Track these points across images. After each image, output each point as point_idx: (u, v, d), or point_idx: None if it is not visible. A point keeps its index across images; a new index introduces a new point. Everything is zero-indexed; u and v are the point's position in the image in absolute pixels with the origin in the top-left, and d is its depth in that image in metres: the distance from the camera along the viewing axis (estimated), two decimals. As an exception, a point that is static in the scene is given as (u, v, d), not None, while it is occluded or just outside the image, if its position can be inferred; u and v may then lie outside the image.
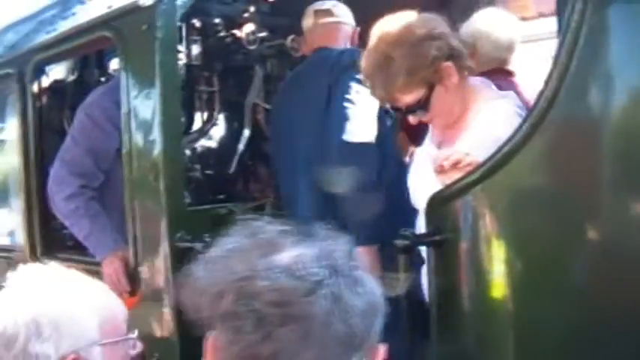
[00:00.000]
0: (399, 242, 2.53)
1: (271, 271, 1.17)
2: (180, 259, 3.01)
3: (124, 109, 3.24)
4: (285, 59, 4.55)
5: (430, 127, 3.01)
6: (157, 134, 3.07)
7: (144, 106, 3.14)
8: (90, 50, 3.87)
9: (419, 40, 2.68)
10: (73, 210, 3.49)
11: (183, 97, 4.35)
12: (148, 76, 3.11)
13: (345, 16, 4.04)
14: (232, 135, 4.65)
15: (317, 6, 4.10)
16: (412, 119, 2.84)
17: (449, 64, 2.74)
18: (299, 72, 4.07)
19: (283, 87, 4.19)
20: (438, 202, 2.56)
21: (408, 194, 3.00)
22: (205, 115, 4.46)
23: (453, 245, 2.52)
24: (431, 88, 2.73)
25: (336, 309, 1.15)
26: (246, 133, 4.58)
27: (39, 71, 3.92)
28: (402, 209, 3.04)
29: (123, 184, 3.34)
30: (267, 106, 4.68)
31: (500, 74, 3.60)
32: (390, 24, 2.76)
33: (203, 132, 4.47)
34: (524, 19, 4.65)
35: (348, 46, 3.96)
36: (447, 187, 2.55)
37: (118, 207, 3.42)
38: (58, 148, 3.94)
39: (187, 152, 4.36)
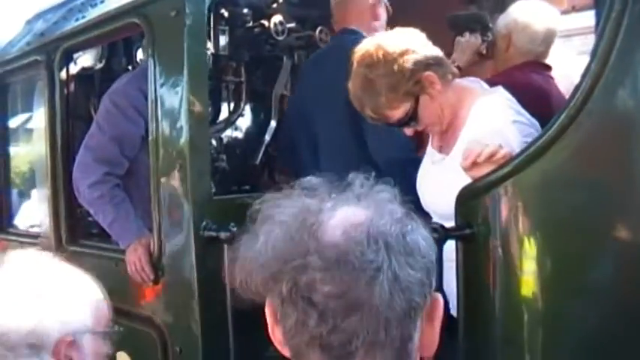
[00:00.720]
0: (427, 235, 2.47)
1: (325, 259, 1.14)
2: (206, 248, 2.98)
3: (150, 97, 3.21)
4: (313, 51, 4.48)
5: (429, 134, 3.06)
6: (183, 122, 3.04)
7: (171, 93, 3.11)
8: (118, 37, 3.84)
9: (393, 58, 2.75)
10: (97, 197, 3.47)
11: (210, 87, 4.39)
12: (175, 63, 3.07)
13: None
14: (259, 125, 4.64)
15: None
16: (408, 131, 2.92)
17: (429, 73, 2.79)
18: (320, 54, 4.05)
19: (302, 70, 4.14)
20: (468, 196, 2.50)
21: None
22: (232, 105, 4.45)
23: (483, 239, 2.46)
24: (416, 99, 2.81)
25: (396, 289, 1.14)
26: (273, 124, 4.56)
27: (67, 58, 3.90)
28: None
29: (148, 171, 3.31)
30: (293, 97, 4.68)
31: (535, 67, 3.52)
32: (364, 46, 2.86)
33: (229, 122, 4.45)
34: (558, 12, 4.56)
35: (375, 25, 3.91)
36: (477, 180, 2.49)
37: (142, 194, 3.40)
38: (84, 135, 3.95)
39: (213, 142, 4.37)
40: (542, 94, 3.23)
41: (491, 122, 2.71)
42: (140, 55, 4.35)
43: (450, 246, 2.52)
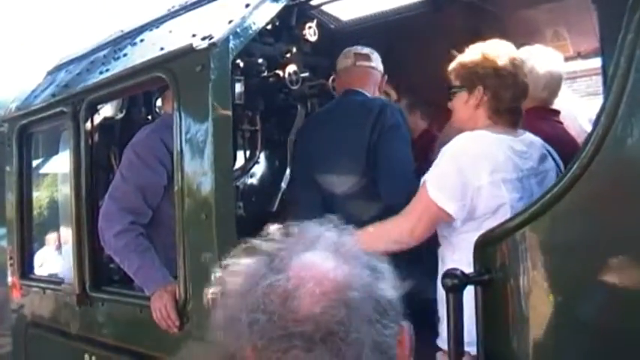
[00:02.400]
0: (448, 281, 2.54)
1: (307, 338, 1.15)
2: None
3: (176, 148, 3.30)
4: (326, 98, 4.59)
5: None
6: (208, 172, 3.12)
7: (196, 145, 3.20)
8: (141, 90, 3.96)
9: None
10: (123, 246, 3.54)
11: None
12: (200, 115, 3.17)
13: (378, 63, 4.21)
14: (274, 173, 4.72)
15: (357, 49, 4.23)
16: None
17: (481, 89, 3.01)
18: (330, 110, 4.14)
19: (311, 123, 4.22)
20: (486, 242, 2.58)
21: None
22: (248, 153, 4.51)
23: (502, 285, 2.53)
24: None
25: (377, 354, 1.19)
26: (288, 171, 4.62)
27: (92, 110, 4.01)
28: None
29: (170, 220, 3.37)
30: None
31: (540, 113, 3.55)
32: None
33: (246, 170, 4.52)
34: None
35: (376, 92, 4.15)
36: (496, 227, 2.58)
37: (165, 242, 3.48)
38: (105, 183, 4.04)
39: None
40: (548, 139, 3.28)
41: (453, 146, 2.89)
42: (159, 104, 4.46)
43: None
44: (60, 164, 4.32)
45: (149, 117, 4.59)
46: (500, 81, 3.00)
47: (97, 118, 4.20)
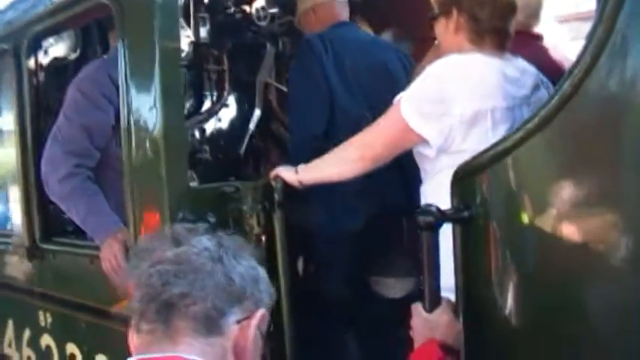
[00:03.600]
0: (422, 218, 2.18)
1: (177, 249, 1.61)
2: (183, 241, 2.67)
3: (121, 82, 2.90)
4: (297, 37, 4.25)
5: None
6: (157, 108, 2.73)
7: (143, 77, 2.80)
8: (87, 20, 3.54)
9: None
10: (69, 191, 3.17)
11: (192, 77, 4.13)
12: (147, 44, 2.76)
13: None
14: (243, 115, 4.40)
15: None
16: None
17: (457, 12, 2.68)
18: (365, 41, 3.85)
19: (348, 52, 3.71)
20: (465, 174, 2.22)
21: None
22: (215, 95, 4.21)
23: (482, 222, 2.18)
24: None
25: (218, 265, 1.56)
26: (257, 112, 4.33)
27: (35, 46, 3.58)
28: None
29: (119, 163, 2.99)
30: (280, 86, 4.43)
31: (520, 38, 3.16)
32: None
33: (212, 112, 4.23)
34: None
35: None
36: (475, 157, 2.20)
37: (116, 186, 3.10)
38: None
39: (196, 133, 4.13)
40: None
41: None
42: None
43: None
44: (5, 110, 3.89)
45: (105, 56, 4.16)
46: (475, 0, 2.65)
47: (46, 58, 3.77)
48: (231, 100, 4.33)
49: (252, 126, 4.28)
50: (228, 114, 4.32)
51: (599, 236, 1.94)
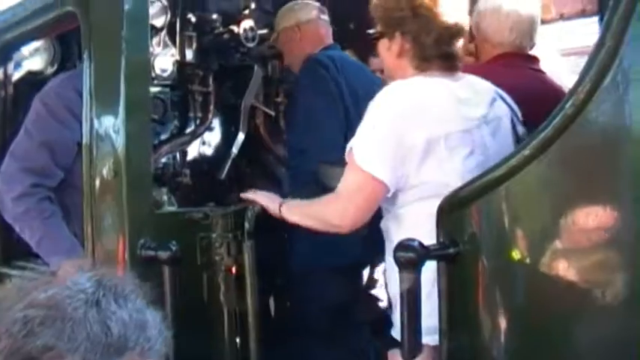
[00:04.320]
0: (401, 255, 1.90)
1: (51, 287, 1.26)
2: (144, 269, 2.38)
3: (85, 94, 2.64)
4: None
5: None
6: (120, 123, 2.46)
7: (106, 89, 2.55)
8: (58, 31, 3.26)
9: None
10: (22, 212, 2.88)
11: (176, 97, 3.89)
12: (112, 54, 2.51)
13: None
14: (227, 139, 4.13)
15: (314, 2, 3.79)
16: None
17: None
18: (347, 60, 3.62)
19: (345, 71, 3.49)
20: (451, 207, 1.96)
21: None
22: (199, 117, 3.93)
23: (470, 260, 1.94)
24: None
25: (93, 311, 1.24)
26: (241, 136, 4.04)
27: (5, 56, 3.32)
28: None
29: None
30: (267, 110, 4.19)
31: (510, 59, 2.91)
32: None
33: (196, 135, 3.94)
34: (544, 20, 4.06)
35: None
36: (462, 187, 1.94)
37: (80, 209, 2.80)
38: None
39: (177, 156, 3.87)
40: (515, 89, 2.66)
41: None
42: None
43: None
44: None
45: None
46: (419, 24, 2.38)
47: (20, 71, 3.50)
48: (216, 123, 4.08)
49: (235, 150, 4.01)
50: (212, 137, 4.06)
51: (601, 275, 1.73)
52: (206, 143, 4.04)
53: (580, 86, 1.68)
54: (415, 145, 2.20)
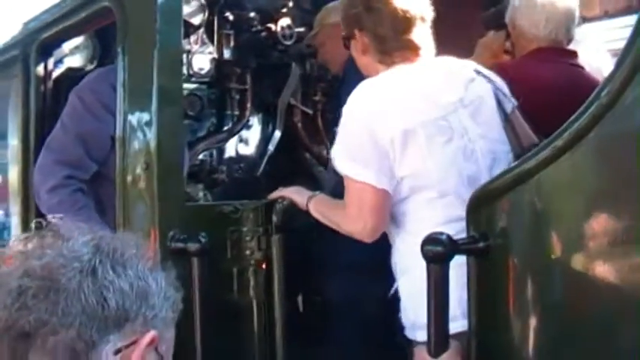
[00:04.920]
0: (429, 248, 1.83)
1: (46, 254, 1.18)
2: (173, 261, 2.36)
3: (119, 88, 2.64)
4: (325, 59, 3.97)
5: None
6: (152, 115, 2.45)
7: (140, 83, 2.54)
8: (95, 26, 3.29)
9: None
10: (56, 203, 2.88)
11: (214, 95, 3.89)
12: (146, 47, 2.50)
13: None
14: (265, 137, 4.12)
15: None
16: None
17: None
18: None
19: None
20: (482, 200, 1.89)
21: None
22: (236, 114, 3.92)
23: (501, 255, 1.85)
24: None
25: (88, 281, 1.16)
26: (277, 134, 4.03)
27: (45, 53, 3.35)
28: None
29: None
30: (305, 109, 4.15)
31: (547, 54, 2.81)
32: None
33: (233, 132, 3.94)
34: (588, 18, 3.94)
35: None
36: (493, 180, 1.86)
37: (114, 201, 2.81)
38: None
39: (214, 153, 3.87)
40: (550, 85, 2.56)
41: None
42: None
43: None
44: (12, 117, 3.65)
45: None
46: (373, 17, 2.37)
47: (60, 68, 3.54)
48: (253, 121, 4.07)
49: (271, 147, 3.99)
50: (249, 135, 4.05)
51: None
52: (243, 141, 4.04)
53: (616, 74, 1.59)
54: (393, 138, 2.17)
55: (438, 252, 1.84)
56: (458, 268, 1.89)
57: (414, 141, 2.16)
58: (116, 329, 1.17)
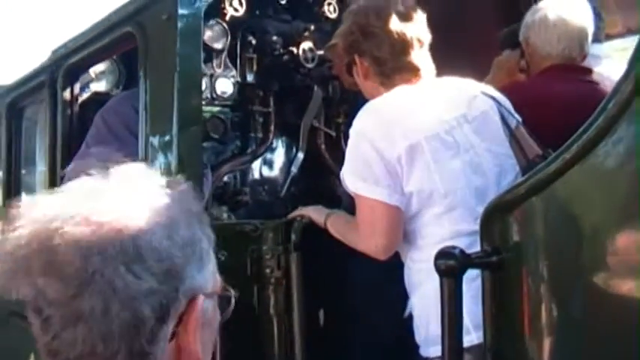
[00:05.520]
0: (442, 262, 1.83)
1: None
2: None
3: (140, 111, 2.71)
4: (348, 81, 3.99)
5: None
6: (173, 137, 2.50)
7: (161, 105, 2.60)
8: (119, 51, 3.38)
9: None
10: None
11: (237, 118, 3.94)
12: (166, 71, 2.57)
13: None
14: (288, 159, 4.15)
15: None
16: None
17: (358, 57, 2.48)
18: None
19: None
20: (495, 212, 1.87)
21: None
22: (260, 137, 3.96)
23: (515, 269, 1.83)
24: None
25: (114, 301, 0.97)
26: (300, 156, 4.06)
27: (71, 77, 3.44)
28: None
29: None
30: (329, 131, 4.18)
31: (559, 72, 2.83)
32: None
33: (256, 154, 3.97)
34: (610, 35, 3.93)
35: None
36: (508, 191, 1.86)
37: None
38: None
39: (238, 175, 3.90)
40: (560, 101, 2.56)
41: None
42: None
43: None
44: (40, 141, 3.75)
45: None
46: (371, 41, 2.42)
47: (86, 92, 3.62)
48: (277, 143, 4.11)
49: (294, 169, 4.02)
50: (272, 157, 4.09)
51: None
52: (267, 163, 4.08)
53: (623, 84, 1.59)
54: (399, 156, 2.19)
55: (450, 266, 1.83)
56: (468, 281, 1.89)
57: (420, 156, 2.19)
58: (161, 323, 1.02)
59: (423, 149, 2.19)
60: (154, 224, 1.04)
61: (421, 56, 2.40)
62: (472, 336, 1.98)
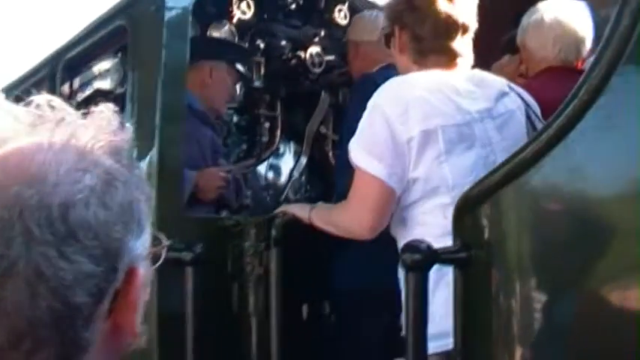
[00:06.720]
0: (407, 256, 1.76)
1: None
2: (168, 269, 2.34)
3: (127, 102, 2.68)
4: (355, 88, 3.94)
5: None
6: (155, 127, 2.48)
7: (144, 95, 2.59)
8: (115, 45, 3.37)
9: None
10: None
11: (243, 121, 3.92)
12: (152, 62, 2.55)
13: None
14: (293, 164, 4.13)
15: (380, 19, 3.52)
16: None
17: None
18: None
19: None
20: (463, 208, 1.80)
21: None
22: (265, 140, 3.95)
23: (484, 265, 1.76)
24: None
25: (42, 289, 0.79)
26: (304, 160, 4.04)
27: (69, 71, 3.45)
28: None
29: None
30: (335, 137, 4.13)
31: (555, 74, 2.73)
32: None
33: (261, 158, 3.96)
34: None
35: None
36: (473, 187, 1.79)
37: None
38: None
39: (240, 178, 3.88)
40: (554, 102, 2.49)
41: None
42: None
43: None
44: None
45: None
46: (415, 16, 2.30)
47: (88, 90, 3.62)
48: (283, 148, 4.09)
49: (296, 173, 3.99)
50: (277, 161, 4.07)
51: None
52: (271, 167, 4.06)
53: (592, 74, 1.52)
54: (411, 138, 2.08)
55: (416, 260, 1.76)
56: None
57: (433, 143, 2.09)
58: (85, 316, 0.86)
59: (438, 137, 2.09)
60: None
61: (462, 43, 2.31)
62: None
